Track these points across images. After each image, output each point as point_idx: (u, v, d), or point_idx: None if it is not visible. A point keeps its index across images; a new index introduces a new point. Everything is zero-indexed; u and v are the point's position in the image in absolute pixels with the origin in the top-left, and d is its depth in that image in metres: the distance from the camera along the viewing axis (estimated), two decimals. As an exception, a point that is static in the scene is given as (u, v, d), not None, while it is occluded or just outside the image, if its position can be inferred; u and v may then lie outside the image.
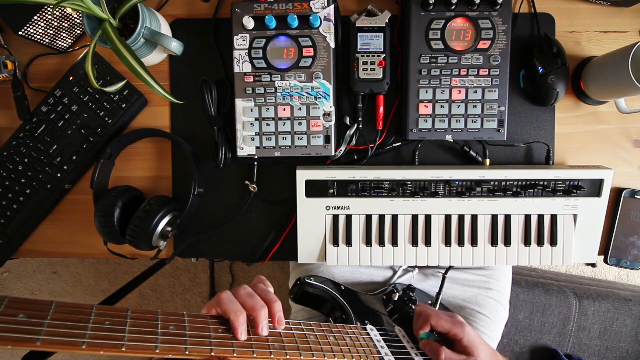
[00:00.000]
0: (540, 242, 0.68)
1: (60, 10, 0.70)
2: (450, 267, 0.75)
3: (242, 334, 0.42)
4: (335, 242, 0.69)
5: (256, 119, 0.68)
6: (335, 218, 0.68)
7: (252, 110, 0.67)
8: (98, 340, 0.33)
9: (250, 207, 0.73)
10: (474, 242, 0.69)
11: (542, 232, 0.68)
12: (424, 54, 0.66)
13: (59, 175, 0.73)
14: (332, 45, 0.66)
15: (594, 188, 0.67)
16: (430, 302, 0.75)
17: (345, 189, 0.67)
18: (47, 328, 0.32)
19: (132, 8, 0.61)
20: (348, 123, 0.71)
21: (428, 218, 0.68)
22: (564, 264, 0.71)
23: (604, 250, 0.73)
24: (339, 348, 0.48)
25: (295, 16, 0.64)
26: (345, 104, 0.73)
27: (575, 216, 0.68)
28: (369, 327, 0.58)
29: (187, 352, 0.37)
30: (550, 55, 0.67)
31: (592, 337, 1.02)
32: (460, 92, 0.67)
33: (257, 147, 0.68)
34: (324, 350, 0.46)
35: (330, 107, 0.67)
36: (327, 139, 0.68)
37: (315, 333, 0.49)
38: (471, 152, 0.71)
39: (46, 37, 0.71)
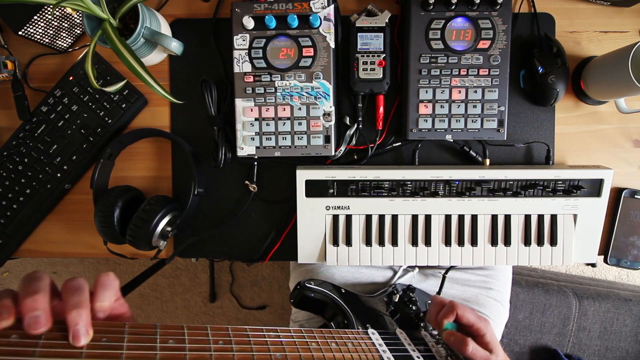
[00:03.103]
0: (540, 242, 0.68)
1: (60, 10, 0.70)
2: (450, 267, 0.75)
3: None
4: (335, 242, 0.69)
5: (256, 119, 0.68)
6: (335, 218, 0.68)
7: (252, 110, 0.67)
8: (95, 358, 0.32)
9: (250, 207, 0.73)
10: (474, 242, 0.69)
11: (542, 232, 0.68)
12: (424, 54, 0.66)
13: (59, 175, 0.73)
14: (332, 45, 0.66)
15: (594, 188, 0.67)
16: (430, 302, 0.75)
17: (345, 189, 0.67)
18: (41, 349, 0.31)
19: (132, 8, 0.61)
20: (348, 123, 0.71)
21: (428, 218, 0.68)
22: (564, 264, 0.71)
23: (604, 250, 0.73)
24: (341, 355, 0.48)
25: (295, 16, 0.64)
26: (345, 104, 0.73)
27: (575, 216, 0.68)
28: (370, 330, 0.58)
29: None
30: (550, 55, 0.67)
31: (592, 337, 1.02)
32: (460, 92, 0.67)
33: (257, 147, 0.68)
34: (326, 358, 0.46)
35: (330, 107, 0.67)
36: (327, 139, 0.68)
37: (317, 340, 0.49)
38: (471, 152, 0.71)
39: (46, 37, 0.71)
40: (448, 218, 0.68)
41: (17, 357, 0.30)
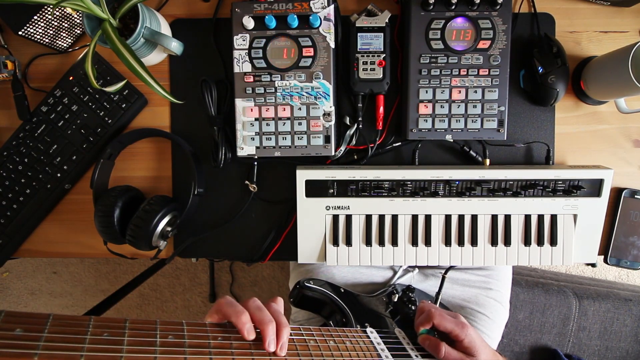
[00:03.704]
0: (540, 242, 0.68)
1: (60, 10, 0.70)
2: (450, 268, 0.75)
3: (249, 334, 0.41)
4: (335, 242, 0.69)
5: (256, 119, 0.68)
6: (335, 218, 0.68)
7: (252, 110, 0.67)
8: (96, 353, 0.33)
9: (250, 207, 0.73)
10: (474, 242, 0.69)
11: (542, 232, 0.68)
12: (424, 54, 0.66)
13: (59, 175, 0.73)
14: (332, 45, 0.66)
15: (594, 188, 0.67)
16: (430, 302, 0.75)
17: (345, 189, 0.67)
18: (44, 342, 0.31)
19: (132, 8, 0.61)
20: (348, 123, 0.71)
21: (428, 218, 0.68)
22: (564, 264, 0.71)
23: (604, 250, 0.73)
24: (339, 353, 0.48)
25: (295, 16, 0.64)
26: (345, 104, 0.73)
27: (575, 216, 0.68)
28: (368, 329, 0.58)
29: None
30: (550, 55, 0.67)
31: (592, 337, 1.02)
32: (460, 92, 0.67)
33: (257, 147, 0.68)
34: (324, 355, 0.46)
35: (330, 107, 0.67)
36: (327, 139, 0.68)
37: (315, 338, 0.49)
38: (471, 152, 0.71)
39: (46, 37, 0.71)
40: (448, 218, 0.68)
41: (21, 351, 0.30)
